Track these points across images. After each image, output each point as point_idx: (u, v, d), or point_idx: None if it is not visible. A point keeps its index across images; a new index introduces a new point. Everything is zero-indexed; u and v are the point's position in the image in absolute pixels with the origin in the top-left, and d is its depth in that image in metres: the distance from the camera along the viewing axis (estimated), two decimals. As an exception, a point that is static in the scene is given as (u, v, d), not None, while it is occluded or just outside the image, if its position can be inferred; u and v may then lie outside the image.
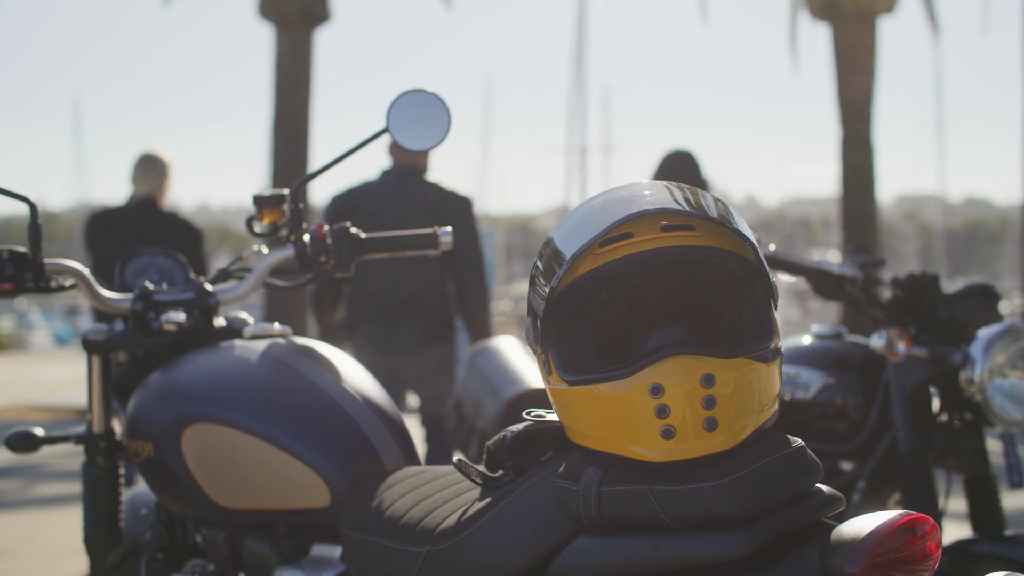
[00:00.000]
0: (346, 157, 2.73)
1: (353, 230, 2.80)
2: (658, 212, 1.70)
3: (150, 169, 6.30)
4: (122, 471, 2.90)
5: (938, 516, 3.11)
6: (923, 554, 1.56)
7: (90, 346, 2.78)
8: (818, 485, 1.72)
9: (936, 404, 3.31)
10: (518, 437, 1.93)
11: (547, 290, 1.74)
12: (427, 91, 2.74)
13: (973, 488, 3.28)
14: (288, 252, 2.82)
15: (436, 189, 5.56)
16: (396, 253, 2.90)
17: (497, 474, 1.96)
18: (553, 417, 1.93)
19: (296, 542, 2.45)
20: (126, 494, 2.96)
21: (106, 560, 2.82)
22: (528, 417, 1.95)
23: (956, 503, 3.33)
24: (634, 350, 1.71)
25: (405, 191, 5.51)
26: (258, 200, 2.76)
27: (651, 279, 1.73)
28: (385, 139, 5.08)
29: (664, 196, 1.74)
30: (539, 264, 1.81)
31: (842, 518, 1.68)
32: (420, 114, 2.72)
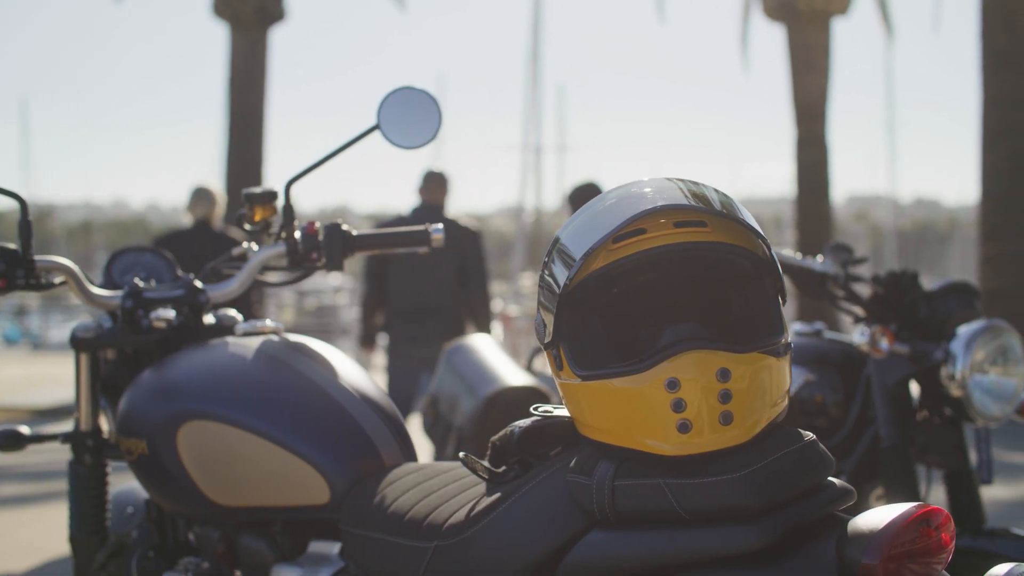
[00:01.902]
0: (337, 154, 2.72)
1: (345, 227, 2.79)
2: (671, 208, 1.72)
3: (202, 199, 7.93)
4: (109, 469, 2.88)
5: None
6: (938, 546, 1.58)
7: (79, 343, 2.76)
8: (830, 478, 1.73)
9: (916, 400, 3.35)
10: (526, 432, 1.94)
11: (560, 286, 1.75)
12: (416, 88, 2.73)
13: (953, 483, 3.31)
14: (279, 249, 2.81)
15: (454, 224, 7.18)
16: (387, 250, 2.89)
17: (500, 469, 1.96)
18: (560, 412, 1.94)
19: (293, 539, 2.43)
20: (111, 492, 2.94)
21: (93, 559, 2.80)
22: (536, 412, 1.96)
23: (936, 499, 3.36)
24: (649, 345, 1.72)
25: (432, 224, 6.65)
26: (250, 197, 2.75)
27: (664, 274, 1.74)
28: (414, 179, 7.20)
29: (676, 193, 1.75)
30: (548, 262, 1.82)
31: (851, 511, 1.70)
32: (410, 112, 2.72)
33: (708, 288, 1.77)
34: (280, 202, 2.76)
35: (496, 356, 4.26)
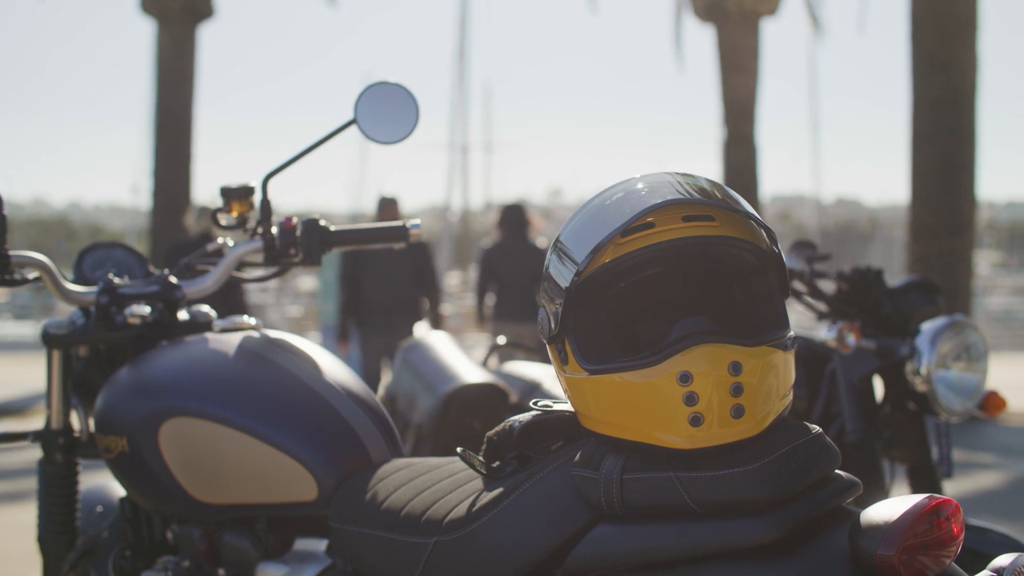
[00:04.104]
0: (314, 149, 2.70)
1: (322, 223, 2.77)
2: (681, 202, 1.72)
3: (204, 214, 9.43)
4: (79, 468, 2.83)
5: None
6: (949, 537, 1.58)
7: (51, 340, 2.71)
8: (836, 471, 1.74)
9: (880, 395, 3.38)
10: (526, 427, 1.93)
11: (567, 281, 1.75)
12: (392, 83, 2.72)
13: (915, 477, 3.35)
14: (256, 245, 2.77)
15: None
16: (362, 246, 2.87)
17: (495, 464, 1.95)
18: (561, 406, 1.93)
19: (278, 537, 2.40)
20: (79, 491, 2.89)
21: (62, 560, 2.75)
22: (535, 407, 1.95)
23: (899, 493, 3.39)
24: (659, 338, 1.72)
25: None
26: (226, 192, 2.72)
27: (673, 268, 1.74)
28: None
29: (681, 188, 1.76)
30: (553, 258, 1.81)
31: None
32: (387, 107, 2.70)
33: (715, 282, 1.77)
34: (257, 197, 2.73)
35: (453, 353, 4.25)
